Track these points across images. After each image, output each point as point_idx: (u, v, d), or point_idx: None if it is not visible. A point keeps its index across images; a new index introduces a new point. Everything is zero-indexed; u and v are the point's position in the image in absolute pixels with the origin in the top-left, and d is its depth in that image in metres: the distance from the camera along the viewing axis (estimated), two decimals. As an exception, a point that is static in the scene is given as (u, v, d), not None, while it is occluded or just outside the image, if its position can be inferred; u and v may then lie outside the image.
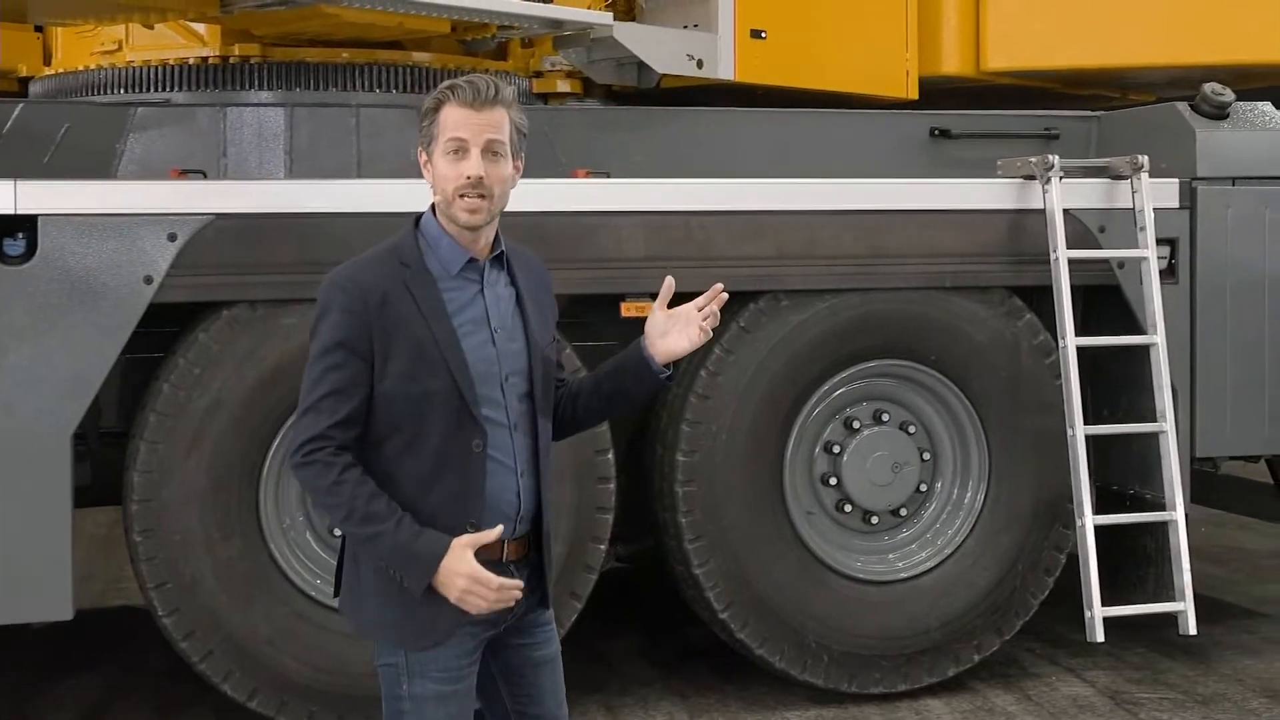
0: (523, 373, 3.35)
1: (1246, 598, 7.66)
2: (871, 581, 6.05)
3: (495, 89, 3.27)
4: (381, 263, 3.30)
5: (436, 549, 3.19)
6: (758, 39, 6.53)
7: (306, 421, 3.25)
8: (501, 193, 3.29)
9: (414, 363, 3.23)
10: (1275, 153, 6.40)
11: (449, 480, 3.26)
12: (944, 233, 5.98)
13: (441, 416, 3.25)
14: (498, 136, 3.26)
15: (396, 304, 3.23)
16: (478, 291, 3.32)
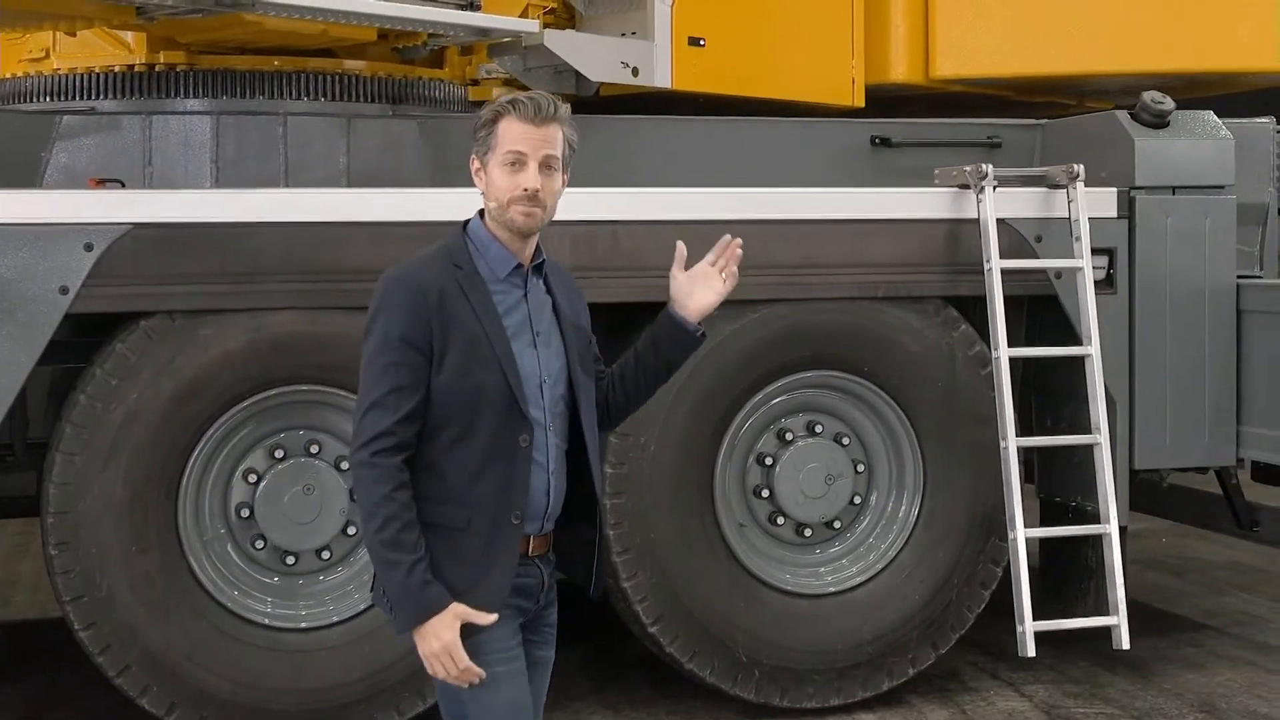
0: (559, 376, 3.48)
1: (1198, 610, 7.59)
2: (803, 595, 5.99)
3: (555, 106, 3.42)
4: (436, 262, 3.42)
5: (435, 605, 3.29)
6: (696, 47, 6.49)
7: (372, 418, 3.33)
8: (553, 204, 3.46)
9: (468, 358, 3.34)
10: (1216, 161, 6.35)
11: (495, 474, 3.36)
12: (878, 243, 5.93)
13: (492, 411, 3.36)
14: (553, 152, 3.42)
15: (453, 301, 3.35)
16: (521, 296, 3.46)
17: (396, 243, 5.38)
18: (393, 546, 3.29)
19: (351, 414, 3.60)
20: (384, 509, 3.30)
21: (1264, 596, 7.83)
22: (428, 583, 3.29)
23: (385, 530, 3.29)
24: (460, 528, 3.37)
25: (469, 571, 3.36)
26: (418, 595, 3.30)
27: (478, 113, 6.27)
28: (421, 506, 3.35)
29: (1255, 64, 7.33)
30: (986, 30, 7.25)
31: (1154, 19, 7.18)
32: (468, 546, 3.37)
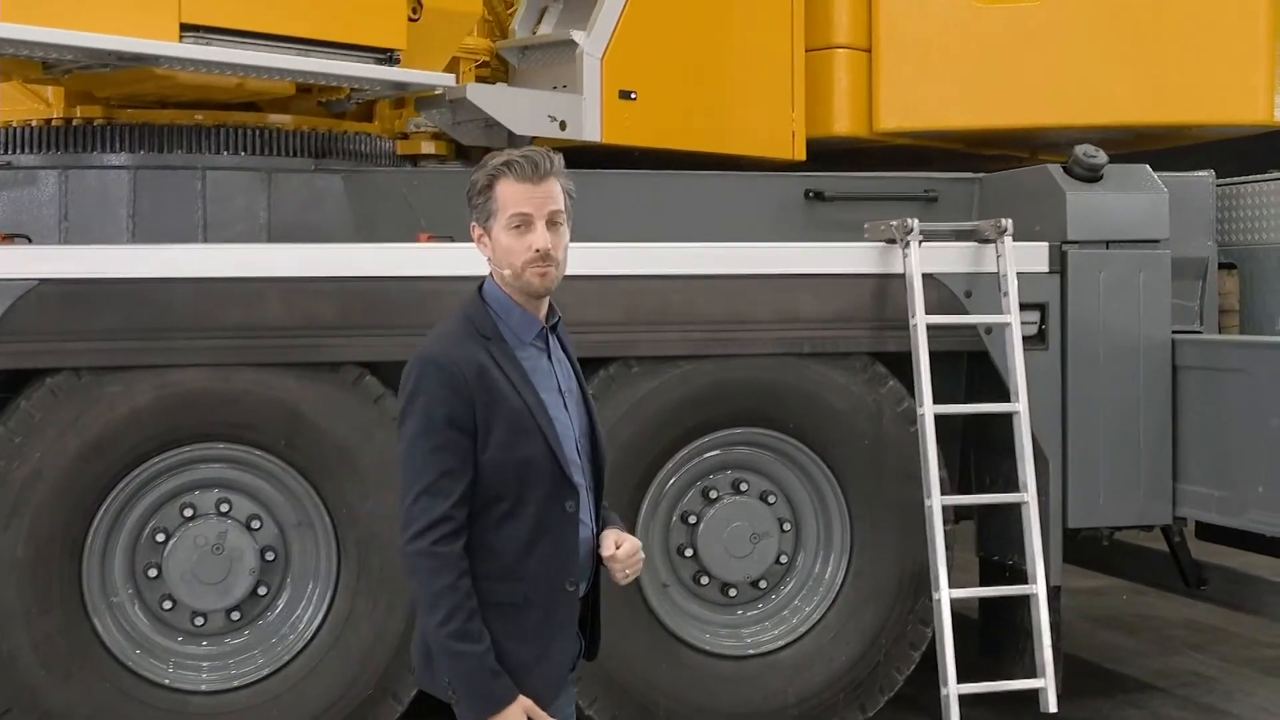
0: (586, 433, 3.47)
1: (1147, 670, 7.47)
2: (727, 656, 5.89)
3: (550, 161, 3.37)
4: (466, 336, 3.36)
5: (505, 696, 3.25)
6: (627, 100, 6.44)
7: (424, 504, 3.25)
8: (564, 259, 3.41)
9: (512, 432, 3.29)
10: (1150, 215, 6.28)
11: (546, 543, 3.33)
12: (803, 298, 5.86)
13: (539, 482, 3.32)
14: (557, 207, 3.36)
15: (490, 376, 3.30)
16: (546, 357, 3.43)
17: (308, 298, 5.35)
18: (461, 637, 3.23)
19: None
20: (449, 599, 3.23)
21: (1215, 657, 7.71)
22: (498, 673, 3.25)
23: (452, 622, 3.22)
24: (517, 603, 3.33)
25: (531, 647, 3.33)
26: (489, 686, 3.25)
27: (405, 168, 6.36)
28: (476, 586, 3.27)
29: (1208, 117, 7.25)
30: (929, 83, 7.19)
31: (1100, 72, 7.10)
32: (527, 621, 3.33)
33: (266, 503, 5.49)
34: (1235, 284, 6.84)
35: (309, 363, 5.39)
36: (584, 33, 6.30)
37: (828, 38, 7.24)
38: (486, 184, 3.35)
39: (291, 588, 5.52)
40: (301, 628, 5.48)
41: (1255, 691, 7.07)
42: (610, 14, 6.36)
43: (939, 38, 7.17)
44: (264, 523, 5.48)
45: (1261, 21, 7.08)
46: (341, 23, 5.50)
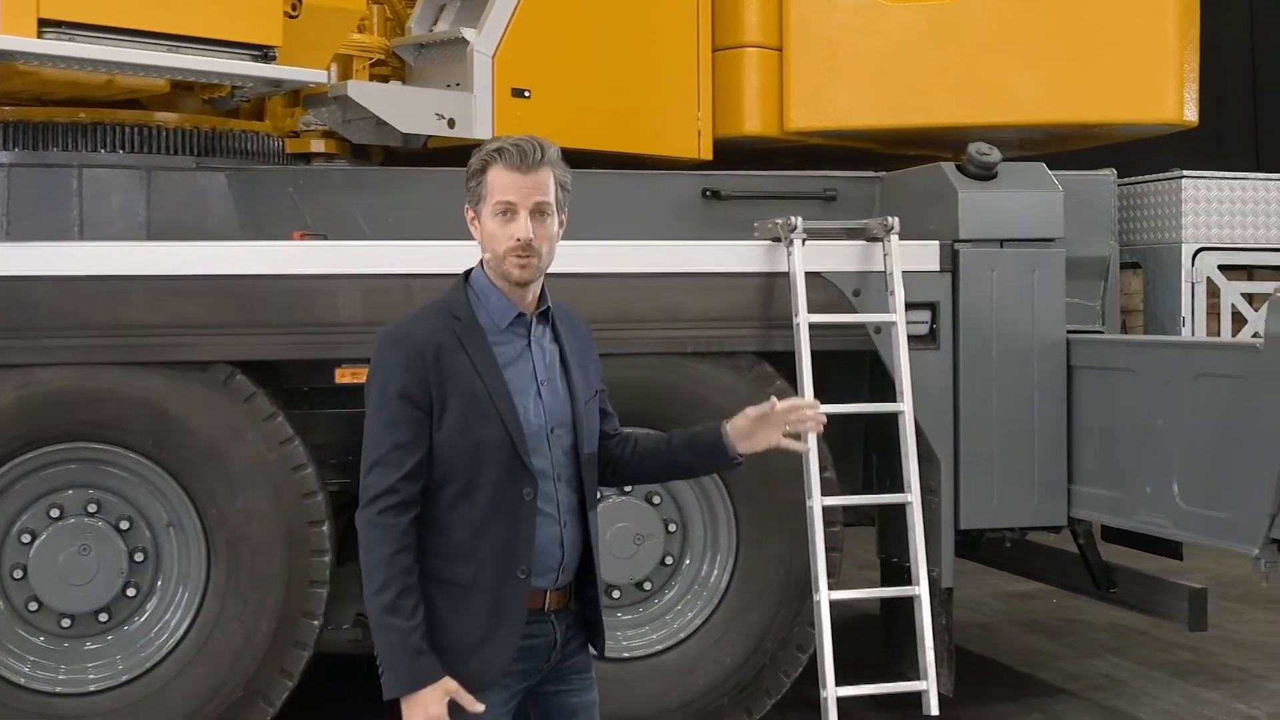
0: (566, 426, 3.45)
1: (1062, 674, 7.40)
2: (609, 658, 5.80)
3: (541, 151, 3.39)
4: (435, 316, 3.41)
5: (427, 676, 3.25)
6: (520, 98, 6.38)
7: (376, 475, 3.32)
8: (549, 249, 3.44)
9: (468, 413, 3.32)
10: (1045, 214, 6.21)
11: (499, 528, 3.34)
12: (686, 297, 5.80)
13: (494, 466, 3.33)
14: (544, 198, 3.39)
15: (451, 356, 3.33)
16: (525, 345, 3.43)
17: (176, 296, 5.30)
18: (390, 610, 3.26)
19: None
20: (384, 571, 3.27)
21: (1133, 660, 7.64)
22: (422, 652, 3.26)
23: (384, 593, 3.27)
24: (466, 584, 3.34)
25: (473, 631, 3.34)
26: (411, 663, 3.26)
27: (295, 166, 6.30)
28: (427, 562, 3.32)
29: (1118, 116, 7.18)
30: (839, 82, 7.12)
31: (1010, 71, 7.04)
32: (474, 603, 3.35)
33: (136, 503, 5.43)
34: (1140, 284, 6.78)
35: (177, 361, 5.33)
36: (475, 30, 6.24)
37: (738, 36, 7.18)
38: (479, 168, 3.41)
39: (162, 589, 5.45)
40: (170, 630, 5.42)
41: (1163, 695, 7.00)
42: (503, 12, 6.30)
43: (848, 37, 7.10)
44: (134, 523, 5.43)
45: (1171, 20, 7.02)
46: (213, 19, 5.43)
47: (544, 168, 3.39)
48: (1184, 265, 6.51)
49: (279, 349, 5.44)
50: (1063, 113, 7.08)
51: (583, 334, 3.62)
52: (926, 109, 7.11)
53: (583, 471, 3.47)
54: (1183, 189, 6.52)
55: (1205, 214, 6.54)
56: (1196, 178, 6.55)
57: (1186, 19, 7.08)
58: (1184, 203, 6.52)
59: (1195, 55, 7.18)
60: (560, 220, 3.47)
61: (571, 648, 3.51)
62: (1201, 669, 7.47)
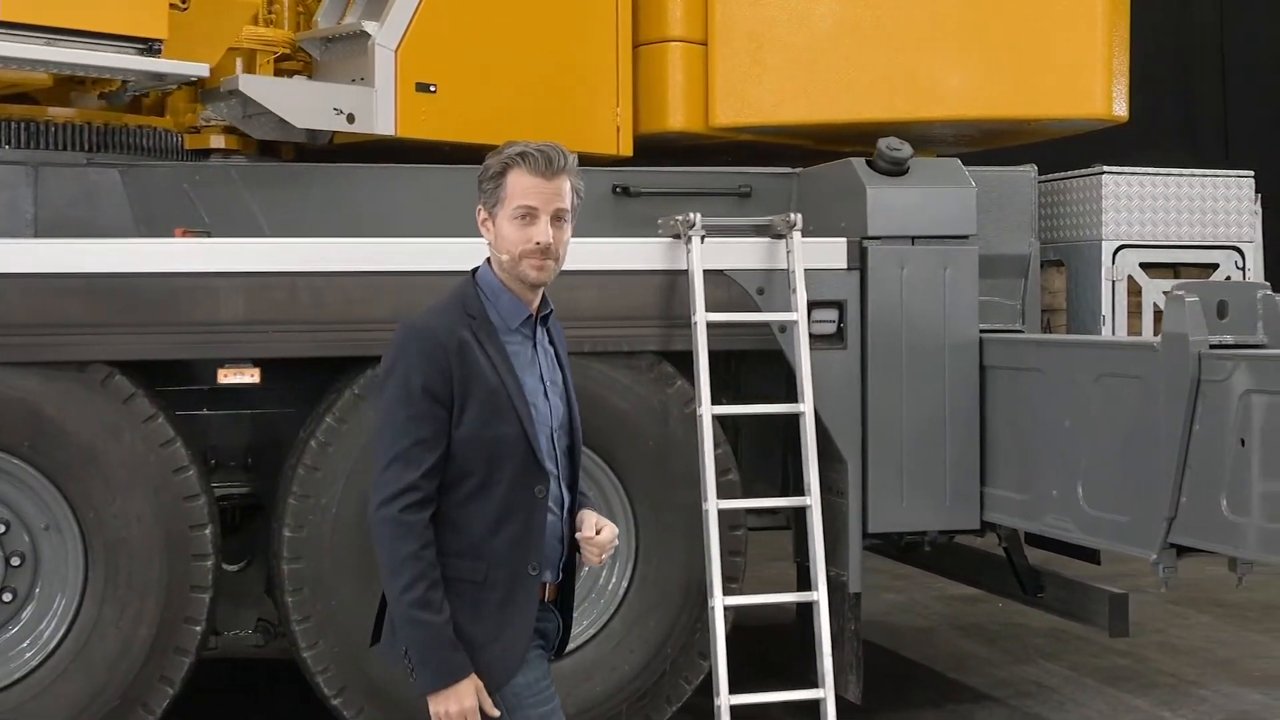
0: (564, 426, 3.51)
1: (991, 680, 7.27)
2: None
3: (564, 158, 3.41)
4: (452, 312, 3.42)
5: (460, 671, 3.29)
6: (425, 93, 6.24)
7: (394, 472, 3.30)
8: (563, 255, 3.45)
9: (487, 409, 3.33)
10: (957, 210, 6.08)
11: (513, 525, 3.36)
12: (582, 295, 5.66)
13: (510, 463, 3.35)
14: (564, 204, 3.41)
15: (471, 352, 3.34)
16: (532, 346, 3.47)
17: (51, 294, 5.18)
18: (421, 606, 3.27)
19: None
20: (411, 567, 3.27)
21: (1065, 665, 7.50)
22: (455, 646, 3.29)
23: (413, 590, 3.26)
24: (478, 581, 3.35)
25: (487, 625, 3.36)
26: (445, 658, 3.29)
27: (192, 162, 6.17)
28: (439, 560, 3.31)
29: (1046, 111, 7.03)
30: (764, 77, 6.98)
31: (937, 66, 6.90)
32: (485, 600, 3.36)
33: (13, 506, 5.31)
34: (1064, 282, 6.64)
35: (53, 361, 5.21)
36: (377, 24, 6.11)
37: (662, 30, 7.04)
38: (499, 171, 3.41)
39: (40, 594, 5.34)
40: (47, 635, 5.30)
41: (1088, 702, 6.86)
42: (406, 5, 6.16)
43: (773, 31, 6.96)
44: (10, 527, 5.31)
45: (1099, 16, 6.88)
46: (95, 11, 5.32)
47: (565, 175, 3.41)
48: (1104, 263, 6.36)
49: (158, 349, 5.32)
50: (990, 108, 6.93)
51: (562, 338, 3.64)
52: (853, 104, 6.96)
53: (575, 472, 3.54)
54: (1103, 185, 6.38)
55: (1127, 210, 6.40)
56: (1117, 173, 6.41)
57: (1115, 14, 6.94)
58: (1104, 199, 6.38)
59: (1125, 51, 7.03)
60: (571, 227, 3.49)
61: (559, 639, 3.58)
62: (1133, 675, 7.33)
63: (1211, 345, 4.89)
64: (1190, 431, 4.91)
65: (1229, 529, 4.78)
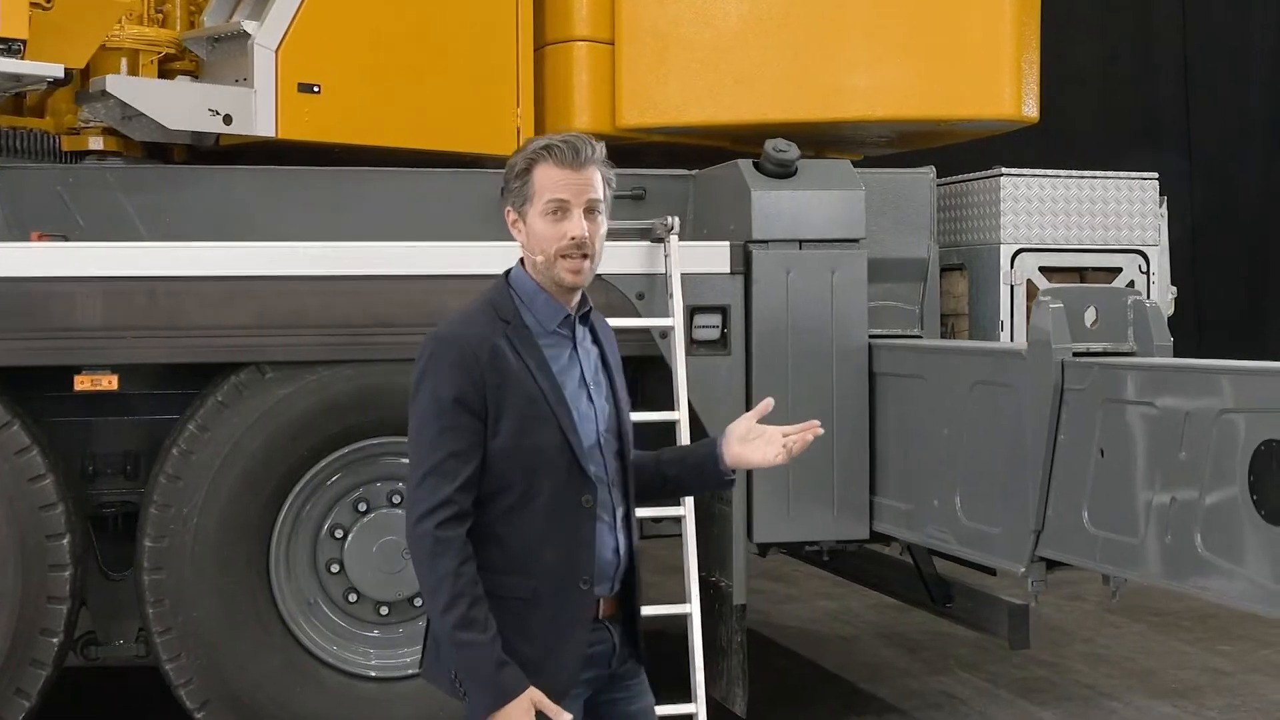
0: (614, 430, 3.36)
1: (901, 690, 7.14)
2: (373, 677, 5.59)
3: (592, 148, 3.29)
4: (483, 318, 3.28)
5: (513, 688, 3.12)
6: (309, 94, 6.13)
7: (429, 486, 3.17)
8: (599, 250, 3.32)
9: (525, 418, 3.20)
10: (845, 213, 5.95)
11: (559, 538, 3.22)
12: (454, 299, 5.51)
13: (552, 473, 3.22)
14: (595, 195, 3.27)
15: (504, 359, 3.21)
16: (571, 348, 3.33)
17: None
18: (465, 625, 3.12)
19: None
20: (452, 586, 3.12)
21: (983, 676, 7.37)
22: (504, 663, 3.13)
23: (455, 609, 3.12)
24: (525, 598, 3.21)
25: (537, 645, 3.20)
26: (495, 677, 3.13)
27: (67, 165, 6.07)
28: (482, 577, 3.15)
29: (954, 112, 6.89)
30: (670, 77, 6.86)
31: (843, 66, 6.76)
32: (534, 619, 3.21)
33: None
34: (966, 286, 6.51)
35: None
36: (257, 23, 6.00)
37: (568, 30, 6.94)
38: (524, 167, 3.27)
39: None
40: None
41: (997, 715, 6.73)
42: (288, 4, 6.05)
43: (678, 30, 6.84)
44: None
45: (1007, 15, 6.74)
46: (-51, 11, 5.22)
47: (594, 165, 3.27)
48: (1003, 267, 6.22)
49: (12, 355, 5.21)
50: (897, 108, 6.80)
51: (611, 336, 3.48)
52: (758, 104, 6.84)
53: (628, 477, 3.37)
54: (1001, 187, 6.24)
55: (1026, 213, 6.27)
56: (1016, 175, 6.27)
57: (1024, 14, 6.80)
58: (1003, 201, 6.24)
59: (1035, 51, 6.90)
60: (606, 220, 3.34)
61: (625, 653, 3.40)
62: (1049, 686, 7.19)
63: (1076, 353, 4.75)
64: (1055, 441, 4.78)
65: (1091, 542, 4.65)
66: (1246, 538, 3.99)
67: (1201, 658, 7.70)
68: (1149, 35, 12.73)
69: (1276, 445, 3.88)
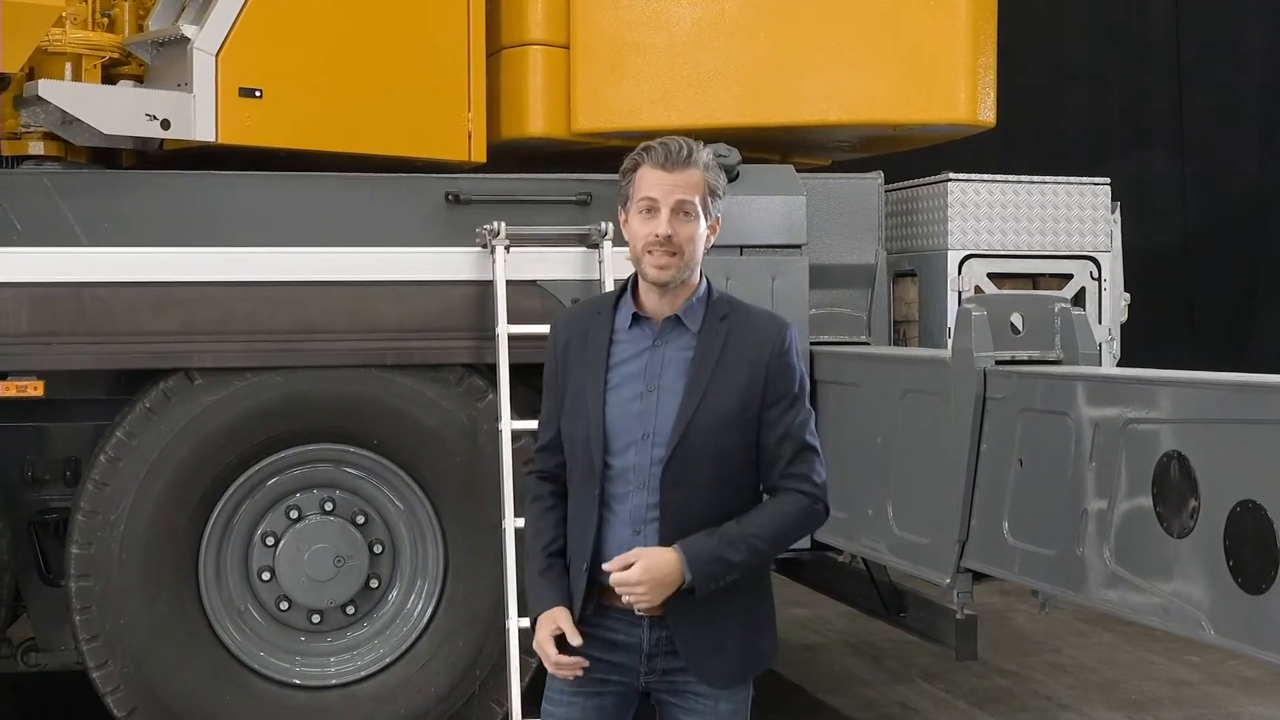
0: (665, 435, 3.36)
1: (858, 700, 7.08)
2: (303, 686, 5.55)
3: (688, 150, 3.40)
4: (585, 308, 3.61)
5: (538, 604, 3.45)
6: (250, 98, 6.09)
7: (536, 436, 3.63)
8: (692, 251, 3.41)
9: (571, 406, 3.44)
10: (786, 219, 5.90)
11: (580, 520, 3.44)
12: (385, 306, 5.52)
13: (580, 460, 3.43)
14: (688, 197, 3.38)
15: (575, 350, 3.46)
16: (646, 347, 3.42)
17: None
18: (527, 549, 3.53)
19: None
20: (528, 515, 3.58)
21: (942, 686, 7.29)
22: (540, 582, 3.44)
23: (525, 530, 3.58)
24: (567, 563, 3.47)
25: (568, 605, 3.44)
26: (530, 590, 3.52)
27: (7, 169, 6.04)
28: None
29: (910, 116, 6.80)
30: (625, 82, 6.79)
31: (798, 70, 6.68)
32: (569, 583, 3.45)
33: None
34: (916, 292, 6.43)
35: None
36: (197, 27, 5.96)
37: (522, 34, 6.88)
38: (630, 168, 3.45)
39: None
40: None
41: (947, 726, 6.66)
42: (228, 8, 6.00)
43: (631, 34, 6.77)
44: None
45: (963, 20, 6.65)
46: None
47: (691, 168, 3.38)
48: (950, 273, 6.15)
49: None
50: (851, 113, 6.70)
51: (760, 343, 3.45)
52: (712, 109, 6.75)
53: (667, 485, 3.35)
54: (949, 193, 6.17)
55: (974, 219, 6.19)
56: (964, 180, 6.20)
57: (980, 18, 6.71)
58: (950, 207, 6.17)
59: (991, 56, 6.80)
60: (711, 225, 3.45)
61: (675, 663, 3.41)
62: (1008, 697, 7.11)
63: (1000, 361, 4.68)
64: (978, 451, 4.71)
65: (1010, 554, 4.58)
66: (1152, 552, 3.92)
67: (1168, 669, 7.61)
68: (1141, 35, 12.59)
69: (1179, 457, 3.80)
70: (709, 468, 3.38)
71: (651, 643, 3.39)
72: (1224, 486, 3.64)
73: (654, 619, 3.38)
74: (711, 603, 3.36)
